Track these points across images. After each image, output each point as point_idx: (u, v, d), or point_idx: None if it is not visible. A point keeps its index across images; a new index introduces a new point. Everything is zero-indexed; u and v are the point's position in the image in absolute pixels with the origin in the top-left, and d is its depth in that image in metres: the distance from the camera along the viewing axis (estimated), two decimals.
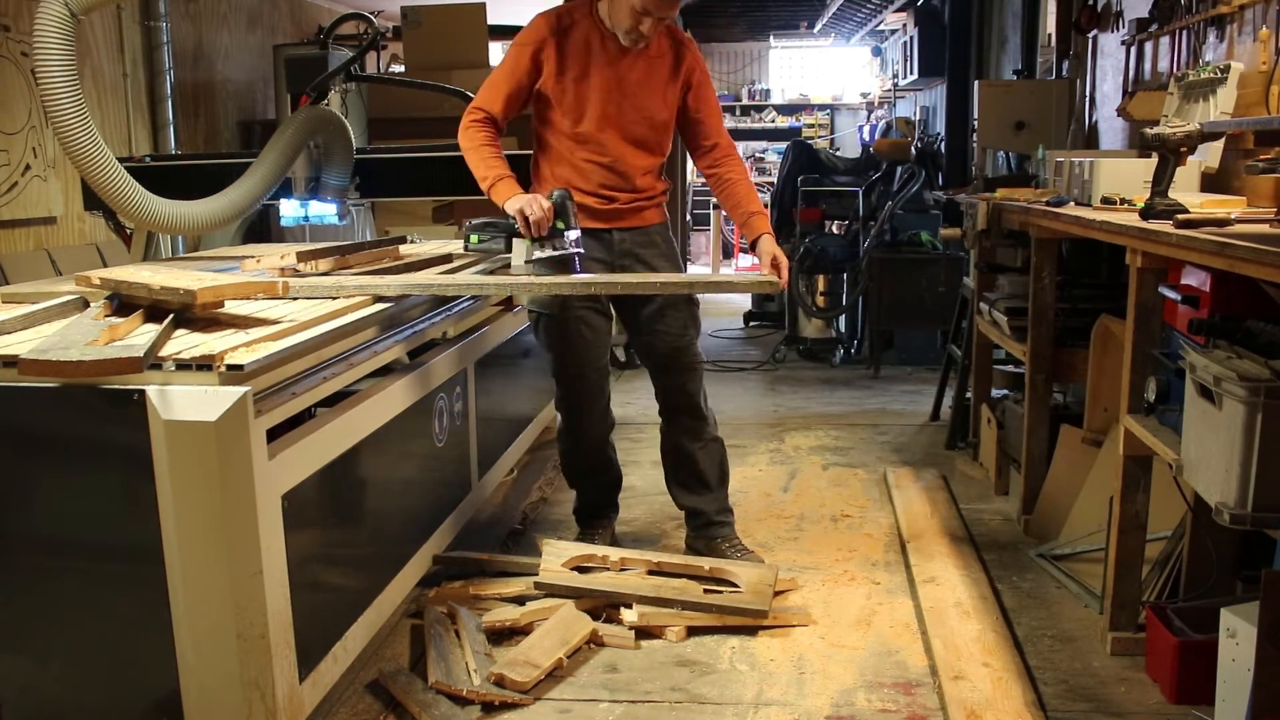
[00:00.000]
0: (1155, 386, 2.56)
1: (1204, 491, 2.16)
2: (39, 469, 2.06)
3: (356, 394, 2.64)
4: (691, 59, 3.16)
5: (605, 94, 3.09)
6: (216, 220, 2.99)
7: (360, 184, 3.74)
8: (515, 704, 2.49)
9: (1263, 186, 3.18)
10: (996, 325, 4.00)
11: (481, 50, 6.55)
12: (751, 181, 3.27)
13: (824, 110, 13.54)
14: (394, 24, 7.28)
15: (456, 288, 2.98)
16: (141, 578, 2.05)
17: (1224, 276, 2.21)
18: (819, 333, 6.80)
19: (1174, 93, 3.57)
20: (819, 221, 6.98)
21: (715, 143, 3.22)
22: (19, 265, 4.59)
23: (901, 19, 9.45)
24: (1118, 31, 4.73)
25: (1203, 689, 2.36)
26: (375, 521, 2.73)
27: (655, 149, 3.19)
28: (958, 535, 3.48)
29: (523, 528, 3.63)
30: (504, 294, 3.67)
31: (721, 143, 3.23)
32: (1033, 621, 2.93)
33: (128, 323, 2.28)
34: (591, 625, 2.78)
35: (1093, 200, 3.30)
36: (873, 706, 2.49)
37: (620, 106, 3.10)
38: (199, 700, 2.09)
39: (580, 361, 3.25)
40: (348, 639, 2.48)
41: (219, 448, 1.98)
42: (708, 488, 3.34)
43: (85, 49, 5.17)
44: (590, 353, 3.26)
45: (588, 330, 3.22)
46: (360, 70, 3.67)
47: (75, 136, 2.51)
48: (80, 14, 2.50)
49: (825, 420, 5.21)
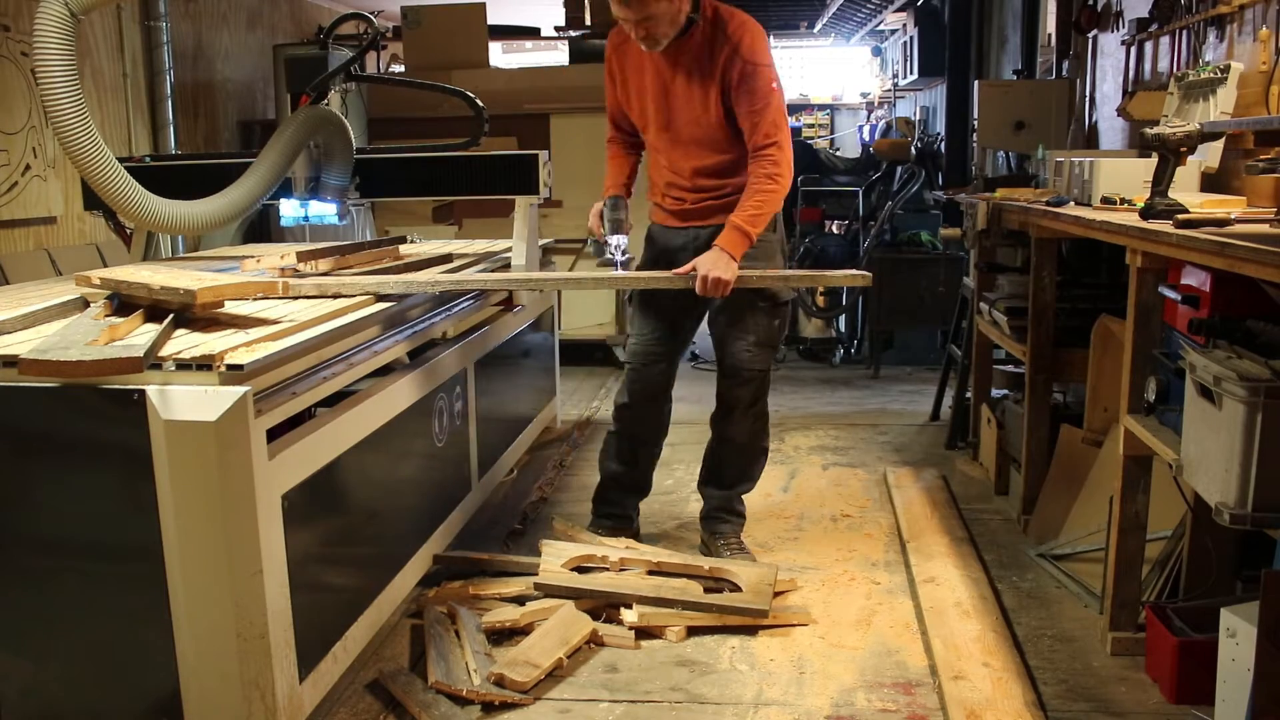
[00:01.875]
0: (1155, 386, 2.56)
1: (1204, 491, 2.16)
2: (39, 469, 2.06)
3: (356, 394, 2.64)
4: (729, 53, 2.98)
5: (656, 101, 3.12)
6: (216, 220, 2.99)
7: (360, 184, 3.73)
8: (515, 704, 2.49)
9: (1263, 186, 3.18)
10: (996, 325, 4.00)
11: (481, 50, 6.55)
12: (772, 191, 3.03)
13: (824, 110, 13.56)
14: (394, 24, 7.28)
15: (456, 286, 2.99)
16: (141, 578, 2.05)
17: (1224, 276, 2.21)
18: (819, 333, 6.80)
19: (1174, 93, 3.57)
20: (819, 221, 6.98)
21: (752, 143, 3.05)
22: (19, 265, 4.59)
23: (901, 19, 9.45)
24: (1118, 31, 4.73)
25: (1203, 689, 2.36)
26: (375, 521, 2.73)
27: (715, 148, 3.12)
28: (958, 535, 3.48)
29: (523, 528, 3.63)
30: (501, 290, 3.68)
31: (756, 143, 3.03)
32: (1033, 621, 2.93)
33: (128, 323, 2.28)
34: (592, 625, 2.78)
35: (1093, 200, 3.30)
36: (873, 706, 2.49)
37: (670, 112, 3.12)
38: (199, 700, 2.09)
39: None
40: (348, 639, 2.48)
41: (219, 448, 1.98)
42: (719, 483, 3.41)
43: (85, 49, 5.17)
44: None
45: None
46: (360, 70, 3.66)
47: (75, 136, 2.50)
48: (80, 14, 2.49)
49: (825, 420, 5.21)
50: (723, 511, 3.40)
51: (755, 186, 3.03)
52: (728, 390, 3.31)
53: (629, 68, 3.17)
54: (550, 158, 3.93)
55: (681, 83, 3.06)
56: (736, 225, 2.99)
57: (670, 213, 3.28)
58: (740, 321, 3.23)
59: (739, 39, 2.98)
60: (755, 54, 2.99)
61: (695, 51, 3.02)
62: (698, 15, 2.99)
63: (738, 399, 3.30)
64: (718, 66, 3.00)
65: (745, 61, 2.97)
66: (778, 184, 3.03)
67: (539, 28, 7.91)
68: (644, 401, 3.35)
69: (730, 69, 2.98)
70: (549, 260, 4.79)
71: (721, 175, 3.16)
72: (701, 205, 3.20)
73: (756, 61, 2.98)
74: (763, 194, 3.02)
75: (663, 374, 3.34)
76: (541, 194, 3.84)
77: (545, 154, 3.84)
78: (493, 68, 6.78)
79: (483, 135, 3.95)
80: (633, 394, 3.34)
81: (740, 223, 2.99)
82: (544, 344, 4.63)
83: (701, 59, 3.02)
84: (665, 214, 3.30)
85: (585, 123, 6.13)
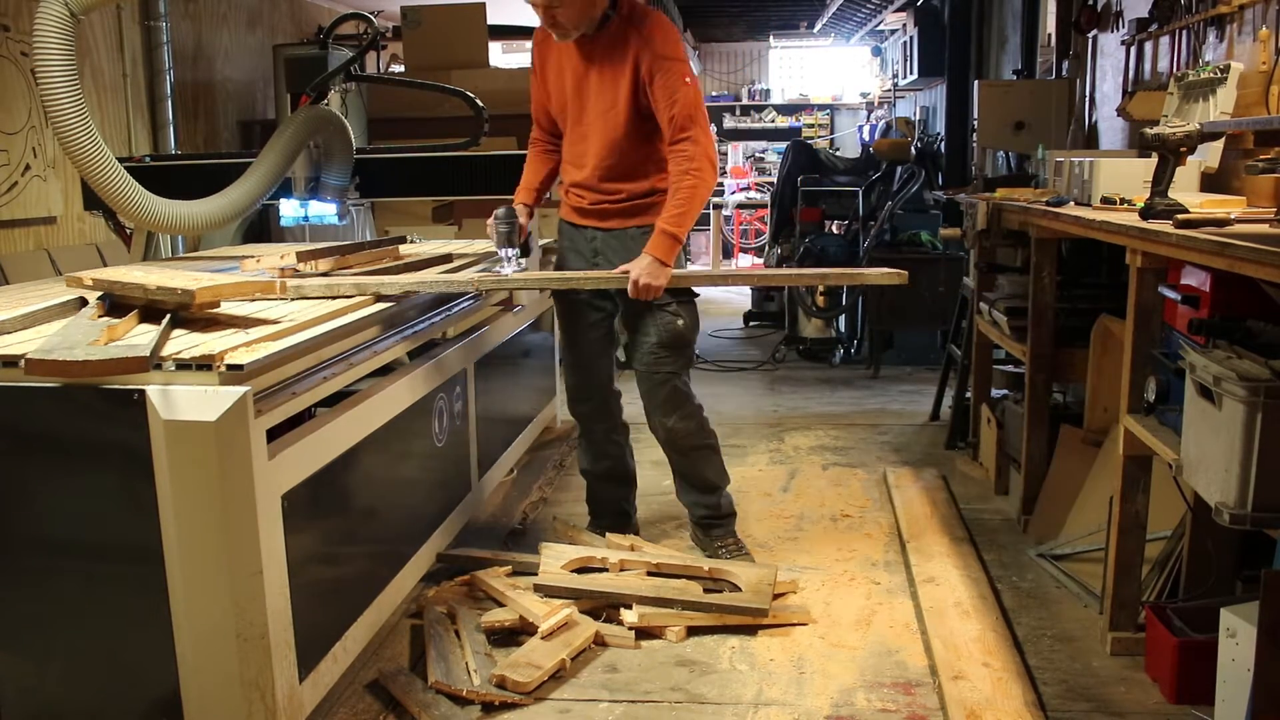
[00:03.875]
0: (1155, 386, 2.56)
1: (1204, 491, 2.16)
2: (39, 469, 2.06)
3: (356, 394, 2.64)
4: (640, 47, 2.95)
5: (571, 96, 3.11)
6: (216, 220, 2.99)
7: (360, 184, 3.74)
8: (515, 704, 2.49)
9: (1262, 186, 3.18)
10: (996, 325, 4.00)
11: (481, 50, 6.55)
12: (692, 187, 2.97)
13: (824, 110, 13.55)
14: (394, 24, 7.27)
15: (455, 285, 2.99)
16: (141, 578, 2.05)
17: (1224, 276, 2.21)
18: (819, 333, 6.80)
19: (1174, 93, 3.57)
20: (819, 221, 6.98)
21: (668, 138, 3.00)
22: (19, 265, 4.58)
23: (901, 19, 9.45)
24: (1118, 31, 4.73)
25: (1203, 689, 2.36)
26: (375, 521, 2.73)
27: (618, 148, 3.08)
28: (958, 535, 3.48)
29: (523, 528, 3.63)
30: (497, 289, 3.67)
31: (671, 137, 2.98)
32: (1033, 621, 2.93)
33: (124, 323, 2.28)
34: (594, 626, 2.78)
35: (1093, 200, 3.30)
36: (873, 706, 2.49)
37: (582, 107, 3.11)
38: (199, 700, 2.09)
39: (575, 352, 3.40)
40: (348, 639, 2.48)
41: (219, 448, 1.98)
42: (686, 490, 3.40)
43: (85, 49, 5.17)
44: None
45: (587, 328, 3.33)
46: (360, 70, 3.67)
47: (75, 136, 2.51)
48: (80, 14, 2.49)
49: (825, 420, 5.21)
50: (705, 516, 3.37)
51: (675, 185, 3.01)
52: (645, 397, 3.24)
53: (549, 63, 3.16)
54: None
55: (594, 78, 3.05)
56: (664, 230, 2.98)
57: (573, 209, 3.28)
58: (639, 322, 3.17)
59: (649, 34, 2.97)
60: (667, 48, 2.97)
61: (609, 47, 3.01)
62: (614, 12, 3.00)
63: (656, 405, 3.22)
64: (629, 62, 2.98)
65: (657, 56, 2.95)
66: (697, 179, 2.98)
67: None
68: (585, 398, 3.41)
69: (641, 64, 2.97)
70: (549, 260, 4.78)
71: (621, 179, 3.13)
72: (598, 207, 3.19)
73: (668, 55, 2.96)
74: (684, 192, 2.99)
75: (593, 374, 3.37)
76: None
77: None
78: (493, 68, 6.78)
79: (483, 135, 3.95)
80: (572, 394, 3.44)
81: (666, 226, 2.98)
82: (544, 344, 4.63)
83: (614, 54, 3.01)
84: (569, 209, 3.31)
85: None
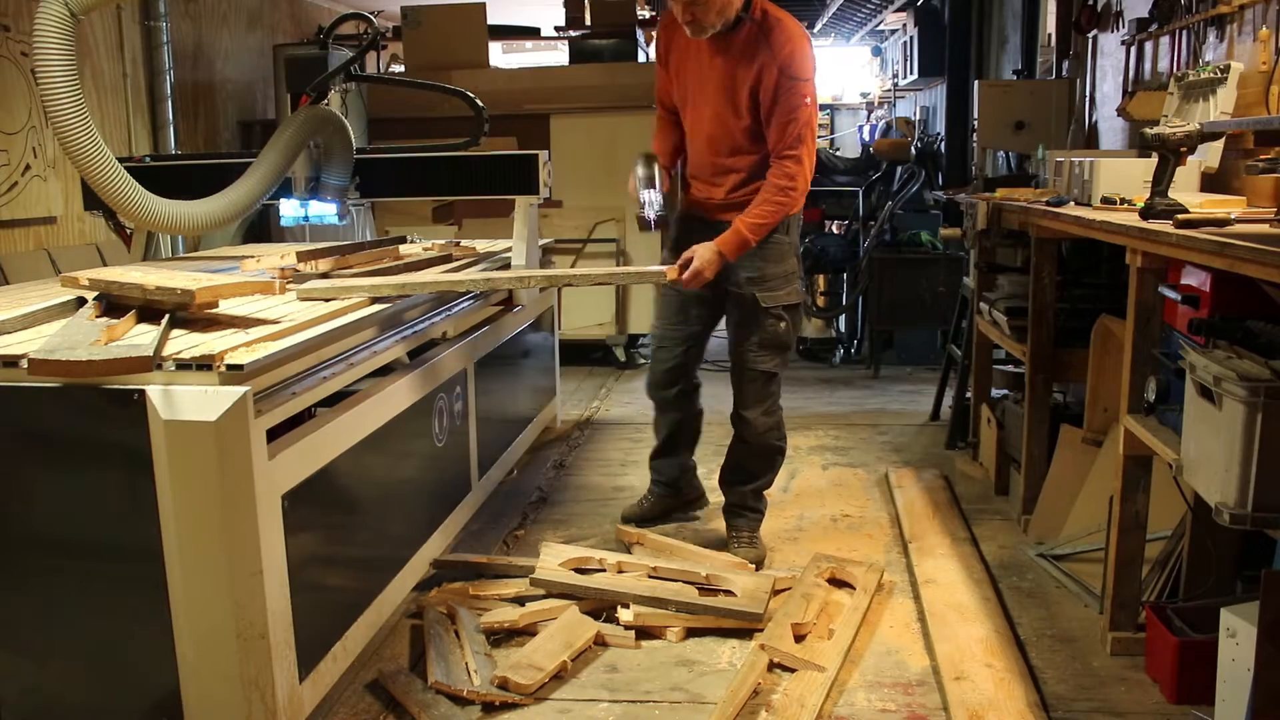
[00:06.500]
0: (1155, 386, 2.56)
1: (1204, 491, 2.16)
2: (39, 468, 2.06)
3: (356, 394, 2.64)
4: (769, 60, 2.97)
5: (693, 86, 3.15)
6: (216, 220, 2.99)
7: (360, 184, 3.74)
8: (515, 704, 2.48)
9: (1263, 186, 3.18)
10: (996, 325, 4.00)
11: (481, 50, 6.55)
12: (781, 204, 3.05)
13: (824, 110, 13.54)
14: (394, 24, 7.27)
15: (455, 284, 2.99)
16: (141, 577, 2.05)
17: (1224, 276, 2.21)
18: (819, 333, 6.80)
19: (1174, 93, 3.57)
20: (819, 221, 6.99)
21: (774, 151, 3.05)
22: (19, 265, 4.59)
23: (901, 19, 9.45)
24: (1118, 31, 4.73)
25: (1203, 689, 2.36)
26: (375, 521, 2.73)
27: (731, 149, 3.13)
28: (959, 535, 3.48)
29: (523, 529, 3.63)
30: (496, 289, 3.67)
31: (777, 151, 3.03)
32: (1033, 621, 2.93)
33: (122, 323, 2.28)
34: (596, 628, 2.78)
35: (1093, 200, 3.30)
36: (873, 706, 2.49)
37: (700, 103, 3.14)
38: (199, 700, 2.09)
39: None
40: (348, 639, 2.48)
41: (219, 448, 1.98)
42: (730, 479, 3.48)
43: (85, 49, 5.17)
44: None
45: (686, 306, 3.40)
46: (360, 70, 3.66)
47: (75, 136, 2.50)
48: (80, 14, 2.49)
49: (825, 420, 5.21)
50: (737, 506, 3.46)
51: (766, 195, 3.05)
52: (736, 388, 3.37)
53: (675, 48, 3.20)
54: (550, 158, 3.94)
55: (717, 75, 3.08)
56: (740, 230, 3.05)
57: (694, 199, 3.33)
58: (746, 322, 3.28)
59: (781, 48, 2.97)
60: (794, 67, 2.97)
61: (738, 49, 3.03)
62: (747, 14, 3.01)
63: (743, 397, 3.34)
64: (754, 70, 3.00)
65: (783, 74, 2.97)
66: (789, 197, 3.05)
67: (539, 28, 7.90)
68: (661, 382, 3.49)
69: (766, 75, 2.98)
70: (549, 260, 4.79)
71: (728, 173, 3.18)
72: (709, 201, 3.26)
73: (795, 75, 2.97)
74: (772, 204, 3.05)
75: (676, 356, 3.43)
76: (541, 194, 3.84)
77: (545, 154, 3.85)
78: (493, 68, 6.78)
79: (483, 135, 3.95)
80: (651, 371, 3.53)
81: (744, 228, 3.05)
82: (544, 344, 4.63)
83: (742, 58, 3.02)
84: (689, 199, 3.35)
85: (585, 123, 6.14)
